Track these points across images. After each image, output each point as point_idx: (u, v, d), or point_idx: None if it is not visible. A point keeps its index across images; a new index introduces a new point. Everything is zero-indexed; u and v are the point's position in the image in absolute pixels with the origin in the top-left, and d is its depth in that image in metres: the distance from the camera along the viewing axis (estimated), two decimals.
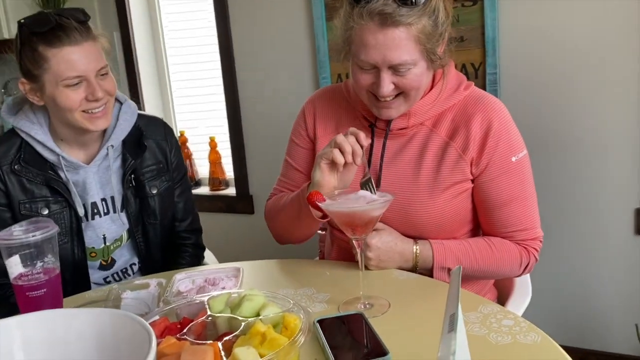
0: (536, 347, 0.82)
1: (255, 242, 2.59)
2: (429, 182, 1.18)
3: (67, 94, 1.22)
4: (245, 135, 2.57)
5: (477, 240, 1.22)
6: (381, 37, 1.06)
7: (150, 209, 1.41)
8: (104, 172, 1.36)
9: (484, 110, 1.18)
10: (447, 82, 1.21)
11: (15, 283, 1.00)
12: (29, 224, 1.04)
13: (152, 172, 1.42)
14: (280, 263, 1.27)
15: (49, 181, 1.30)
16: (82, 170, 1.34)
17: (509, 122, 1.19)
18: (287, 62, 2.38)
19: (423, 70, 1.12)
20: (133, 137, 1.40)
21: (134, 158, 1.38)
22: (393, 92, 1.12)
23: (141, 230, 1.42)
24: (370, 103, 1.18)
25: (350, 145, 1.06)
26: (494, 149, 1.16)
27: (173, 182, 1.47)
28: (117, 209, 1.38)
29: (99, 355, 0.64)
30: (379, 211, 0.95)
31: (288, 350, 0.74)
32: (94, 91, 1.23)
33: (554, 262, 1.99)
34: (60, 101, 1.22)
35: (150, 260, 1.45)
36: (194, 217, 1.56)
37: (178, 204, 1.50)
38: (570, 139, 1.93)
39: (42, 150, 1.30)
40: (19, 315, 0.67)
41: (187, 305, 0.89)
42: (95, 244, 1.38)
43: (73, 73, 1.21)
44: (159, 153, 1.44)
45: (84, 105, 1.24)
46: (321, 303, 1.04)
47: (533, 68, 1.95)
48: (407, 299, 1.03)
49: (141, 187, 1.40)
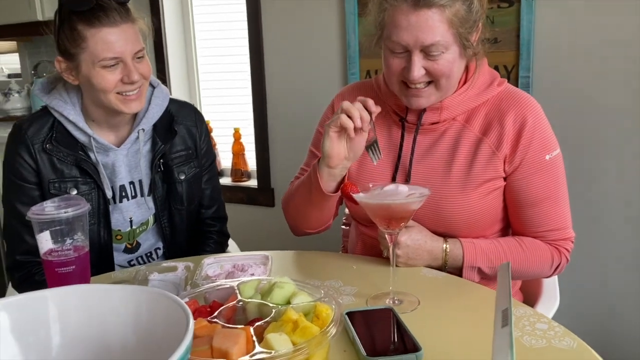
0: (572, 353, 0.80)
1: (275, 234, 2.58)
2: (461, 179, 1.17)
3: (103, 75, 1.22)
4: (270, 127, 2.56)
5: (507, 239, 1.20)
6: (414, 18, 1.05)
7: (178, 195, 1.41)
8: (133, 155, 1.36)
9: (518, 107, 1.16)
10: (480, 77, 1.19)
11: (45, 258, 1.00)
12: (61, 200, 1.04)
13: (181, 158, 1.41)
14: (306, 254, 1.26)
15: (79, 162, 1.30)
16: (112, 153, 1.33)
17: (543, 119, 1.18)
18: (317, 57, 2.37)
19: (455, 56, 1.10)
20: (164, 122, 1.39)
21: (163, 143, 1.38)
22: (424, 78, 1.11)
23: (167, 215, 1.42)
24: (401, 92, 1.17)
25: (358, 110, 1.06)
26: (528, 146, 1.15)
27: (201, 168, 1.47)
28: (144, 193, 1.38)
29: (135, 332, 0.63)
30: (416, 205, 0.93)
31: (320, 340, 0.73)
32: (130, 73, 1.22)
33: (581, 266, 1.95)
34: (96, 82, 1.22)
35: (175, 246, 1.45)
36: (219, 205, 1.55)
37: (205, 190, 1.50)
38: (604, 146, 1.89)
39: (73, 131, 1.30)
40: (55, 288, 0.66)
41: (217, 289, 0.88)
42: (121, 227, 1.38)
43: (110, 54, 1.20)
44: (188, 139, 1.43)
45: (119, 87, 1.23)
46: (348, 296, 1.03)
47: (567, 73, 1.91)
48: (437, 296, 1.01)
49: (169, 172, 1.40)
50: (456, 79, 1.15)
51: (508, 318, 0.48)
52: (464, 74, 1.20)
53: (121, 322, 0.64)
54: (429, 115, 1.19)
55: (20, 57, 3.46)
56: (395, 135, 1.24)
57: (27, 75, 3.43)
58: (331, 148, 1.10)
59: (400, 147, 1.22)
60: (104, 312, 0.65)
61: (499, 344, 0.46)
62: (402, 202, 0.92)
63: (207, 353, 0.69)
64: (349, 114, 1.06)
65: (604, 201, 1.93)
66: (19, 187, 1.30)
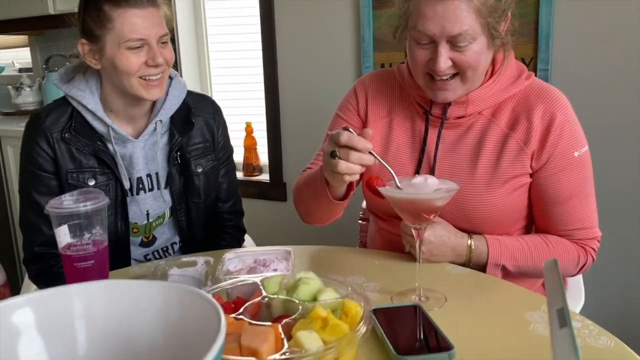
0: (610, 352, 0.77)
1: (287, 229, 2.56)
2: (487, 175, 1.14)
3: (128, 57, 1.20)
4: (283, 121, 2.54)
5: (533, 237, 1.17)
6: (440, 8, 1.02)
7: (195, 188, 1.39)
8: (150, 147, 1.34)
9: (546, 101, 1.13)
10: (508, 70, 1.16)
11: (63, 253, 0.99)
12: (80, 194, 1.02)
13: (198, 150, 1.39)
14: (326, 249, 1.24)
15: (97, 152, 1.28)
16: (129, 144, 1.32)
17: (572, 115, 1.14)
18: (330, 50, 2.34)
19: (483, 47, 1.07)
20: (181, 114, 1.37)
21: (180, 135, 1.36)
22: (450, 70, 1.08)
23: (184, 209, 1.40)
24: (426, 85, 1.13)
25: (357, 163, 0.98)
26: (557, 142, 1.11)
27: (219, 161, 1.45)
28: (160, 186, 1.36)
29: (163, 330, 0.61)
30: (444, 200, 0.90)
31: (350, 338, 0.71)
32: (154, 56, 1.21)
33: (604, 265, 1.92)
34: (120, 63, 1.21)
35: (192, 240, 1.43)
36: (236, 199, 1.53)
37: (222, 184, 1.48)
38: (624, 141, 1.85)
39: (92, 120, 1.28)
40: (80, 283, 0.64)
41: (240, 285, 0.86)
42: (138, 220, 1.36)
43: (136, 35, 1.19)
44: (206, 131, 1.41)
45: (142, 70, 1.22)
46: (372, 292, 1.00)
47: (586, 66, 1.88)
48: (463, 293, 0.98)
49: (186, 165, 1.38)
50: (483, 71, 1.12)
51: (565, 318, 0.45)
52: (491, 67, 1.16)
53: (149, 319, 0.62)
54: (455, 109, 1.16)
55: (32, 51, 3.46)
56: (419, 129, 1.21)
57: (38, 70, 3.42)
58: (340, 185, 1.08)
59: (424, 141, 1.19)
60: (130, 309, 0.62)
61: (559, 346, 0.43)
62: (430, 197, 0.89)
63: (235, 351, 0.66)
64: (351, 173, 0.99)
65: (627, 198, 1.89)
66: (36, 177, 1.28)
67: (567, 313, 0.46)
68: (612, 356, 0.76)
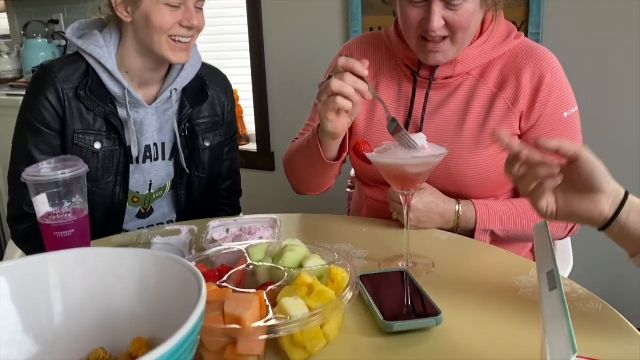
0: (598, 316, 0.77)
1: (276, 199, 2.55)
2: (474, 136, 1.12)
3: (164, 13, 1.16)
4: (269, 89, 2.49)
5: (521, 200, 1.16)
6: None
7: (200, 161, 1.36)
8: (161, 115, 1.30)
9: (536, 61, 1.11)
10: (497, 30, 1.13)
11: (42, 222, 0.96)
12: (58, 161, 0.99)
13: (207, 124, 1.36)
14: (314, 217, 1.22)
15: (108, 115, 1.23)
16: (142, 110, 1.26)
17: (561, 75, 1.12)
18: (317, 13, 2.28)
19: (475, 6, 1.04)
20: (195, 85, 1.33)
21: (192, 107, 1.32)
22: (442, 31, 1.05)
23: (185, 182, 1.36)
24: (418, 47, 1.11)
25: (351, 85, 0.96)
26: (546, 102, 1.10)
27: (225, 138, 1.41)
28: (166, 156, 1.33)
29: (142, 299, 0.59)
30: (431, 166, 0.88)
31: (336, 304, 0.69)
32: (190, 17, 1.18)
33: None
34: (155, 18, 1.16)
35: (188, 216, 1.39)
36: (236, 179, 1.51)
37: (225, 162, 1.45)
38: (616, 103, 1.84)
39: (107, 81, 1.22)
40: (55, 252, 0.62)
41: (225, 252, 0.84)
42: (140, 189, 1.32)
43: None
44: (217, 106, 1.38)
45: (175, 29, 1.18)
46: (360, 259, 0.99)
47: (578, 30, 1.85)
48: (451, 259, 0.98)
49: (194, 138, 1.34)
50: (473, 32, 1.09)
51: (556, 281, 0.44)
52: (480, 27, 1.14)
53: (127, 287, 0.60)
54: (443, 69, 1.13)
55: (9, 17, 3.35)
56: (406, 90, 1.19)
57: (16, 36, 3.32)
58: (334, 128, 1.03)
59: (411, 102, 1.17)
60: (107, 278, 0.61)
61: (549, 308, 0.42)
62: (416, 162, 0.87)
63: (219, 319, 0.65)
64: (344, 94, 0.96)
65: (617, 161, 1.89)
66: (39, 133, 1.22)
67: (557, 275, 0.44)
68: (600, 320, 0.76)
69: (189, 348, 0.48)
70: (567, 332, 0.41)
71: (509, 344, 0.71)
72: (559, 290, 0.43)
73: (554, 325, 0.40)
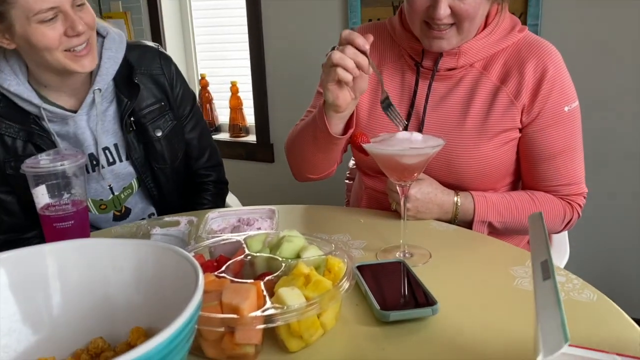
0: (592, 306, 0.77)
1: (274, 190, 2.55)
2: (476, 128, 1.12)
3: (43, 32, 1.06)
4: (269, 80, 2.49)
5: (519, 193, 1.16)
6: None
7: (158, 153, 1.29)
8: (100, 118, 1.22)
9: (538, 55, 1.11)
10: (501, 22, 1.13)
11: (42, 213, 0.97)
12: (56, 153, 1.00)
13: (153, 113, 1.27)
14: (312, 208, 1.23)
15: (32, 137, 1.18)
16: (71, 121, 1.20)
17: (563, 69, 1.12)
18: (317, 5, 2.27)
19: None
20: (124, 75, 1.23)
21: (128, 99, 1.23)
22: (448, 19, 1.05)
23: (150, 177, 1.31)
24: (422, 32, 1.10)
25: (351, 57, 0.97)
26: (547, 96, 1.10)
27: (179, 119, 1.34)
28: (122, 157, 1.28)
29: (140, 289, 0.60)
30: (426, 157, 0.89)
31: (333, 294, 0.70)
32: (73, 24, 1.07)
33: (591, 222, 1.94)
34: (36, 40, 1.06)
35: (167, 206, 1.36)
36: (211, 152, 1.43)
37: (191, 141, 1.38)
38: (615, 97, 1.84)
39: (20, 103, 1.16)
40: (53, 243, 0.62)
41: (223, 243, 0.85)
42: (102, 196, 1.29)
43: (45, 4, 1.04)
44: (156, 89, 1.27)
45: (64, 42, 1.09)
46: (357, 250, 1.00)
47: (577, 21, 1.84)
48: (448, 249, 0.98)
49: (143, 131, 1.27)
50: (478, 22, 1.09)
51: (549, 270, 0.44)
52: (484, 19, 1.13)
53: (125, 278, 0.61)
54: (446, 60, 1.14)
55: None
56: (409, 81, 1.19)
57: None
58: (335, 98, 1.03)
59: (414, 93, 1.17)
60: (106, 268, 0.61)
61: (542, 298, 0.42)
62: (413, 153, 0.87)
63: (216, 309, 0.65)
64: (344, 66, 0.97)
65: (615, 156, 1.89)
66: None
67: (551, 265, 0.45)
68: (596, 310, 0.76)
69: (186, 337, 0.49)
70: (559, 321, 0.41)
71: (504, 333, 0.72)
72: (552, 279, 0.43)
73: (546, 314, 0.40)
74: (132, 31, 2.67)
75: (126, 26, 2.66)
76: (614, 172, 1.91)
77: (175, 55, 2.71)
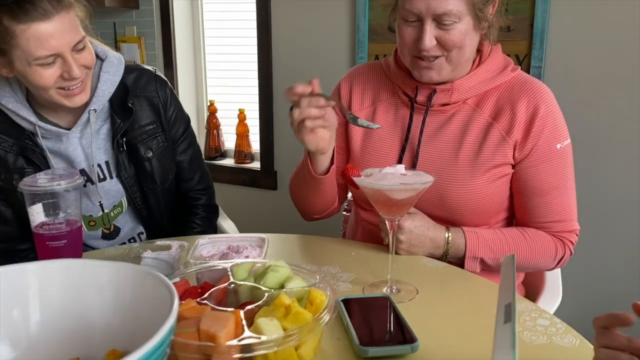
0: (574, 351, 0.77)
1: (276, 218, 2.56)
2: (469, 163, 1.14)
3: (40, 73, 1.09)
4: (275, 109, 2.53)
5: (510, 230, 1.17)
6: None
7: (148, 174, 1.30)
8: (95, 136, 1.24)
9: (531, 93, 1.13)
10: (494, 61, 1.17)
11: (36, 231, 0.98)
12: (54, 173, 1.02)
13: (146, 134, 1.29)
14: (304, 238, 1.23)
15: (25, 151, 1.20)
16: (64, 138, 1.23)
17: (555, 108, 1.15)
18: (325, 39, 2.32)
19: (468, 27, 1.07)
20: (120, 97, 1.26)
21: (122, 120, 1.25)
22: (435, 50, 1.08)
23: (140, 197, 1.32)
24: (412, 64, 1.14)
25: (310, 106, 1.03)
26: (540, 134, 1.11)
27: (172, 141, 1.36)
28: (113, 175, 1.29)
29: (118, 311, 0.61)
30: (416, 191, 0.90)
31: (312, 326, 0.70)
32: (70, 70, 1.10)
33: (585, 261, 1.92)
34: (33, 79, 1.10)
35: (157, 227, 1.36)
36: (202, 174, 1.43)
37: (182, 163, 1.39)
38: (613, 141, 1.84)
39: (16, 119, 1.19)
40: (36, 262, 0.64)
41: (210, 270, 0.86)
42: (92, 212, 1.30)
43: (45, 52, 1.07)
44: (151, 111, 1.30)
45: (59, 82, 1.12)
46: (345, 283, 1.00)
47: (580, 65, 1.86)
48: (436, 287, 0.98)
49: (134, 151, 1.29)
50: (468, 53, 1.11)
51: (511, 314, 0.45)
52: (478, 58, 1.17)
53: (104, 299, 0.62)
54: (440, 96, 1.16)
55: None
56: (403, 116, 1.21)
57: None
58: (316, 144, 1.08)
59: (408, 128, 1.19)
60: (86, 289, 0.62)
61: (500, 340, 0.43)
62: (403, 188, 0.88)
63: (194, 335, 0.66)
64: (309, 117, 1.03)
65: (611, 196, 1.89)
66: None
67: (514, 310, 0.45)
68: (576, 354, 0.76)
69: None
70: None
71: None
72: (512, 323, 0.44)
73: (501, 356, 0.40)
74: (145, 56, 2.73)
75: (139, 50, 2.72)
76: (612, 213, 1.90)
77: (186, 81, 2.76)
